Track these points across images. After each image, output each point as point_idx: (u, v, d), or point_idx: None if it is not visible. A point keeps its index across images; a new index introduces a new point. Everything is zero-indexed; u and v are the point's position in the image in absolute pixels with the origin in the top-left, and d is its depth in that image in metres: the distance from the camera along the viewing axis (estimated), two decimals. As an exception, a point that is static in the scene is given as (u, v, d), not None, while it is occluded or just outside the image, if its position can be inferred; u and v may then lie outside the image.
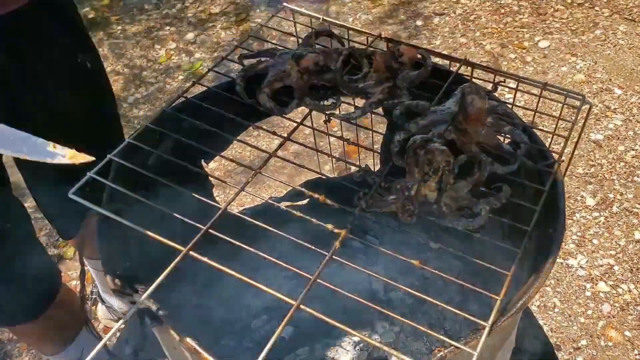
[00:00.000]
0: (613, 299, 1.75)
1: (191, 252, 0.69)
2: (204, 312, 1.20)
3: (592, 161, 2.13)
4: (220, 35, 2.89)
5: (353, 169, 1.31)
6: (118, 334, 1.19)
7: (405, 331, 1.14)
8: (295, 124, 0.89)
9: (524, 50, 2.59)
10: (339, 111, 0.94)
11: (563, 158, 0.83)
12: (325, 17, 1.07)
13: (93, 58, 1.08)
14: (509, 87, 1.01)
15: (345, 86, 0.90)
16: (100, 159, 0.77)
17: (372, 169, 1.29)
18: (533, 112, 0.95)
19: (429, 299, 0.68)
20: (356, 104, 0.97)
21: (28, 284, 1.22)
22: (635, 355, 1.62)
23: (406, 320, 0.65)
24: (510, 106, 0.92)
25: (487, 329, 0.63)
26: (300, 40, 1.02)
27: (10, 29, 0.94)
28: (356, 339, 1.10)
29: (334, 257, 0.70)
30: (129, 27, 3.02)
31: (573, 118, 0.87)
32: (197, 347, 0.66)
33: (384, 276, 1.21)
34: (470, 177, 0.75)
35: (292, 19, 1.07)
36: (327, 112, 0.91)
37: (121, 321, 0.64)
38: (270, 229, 0.73)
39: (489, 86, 0.95)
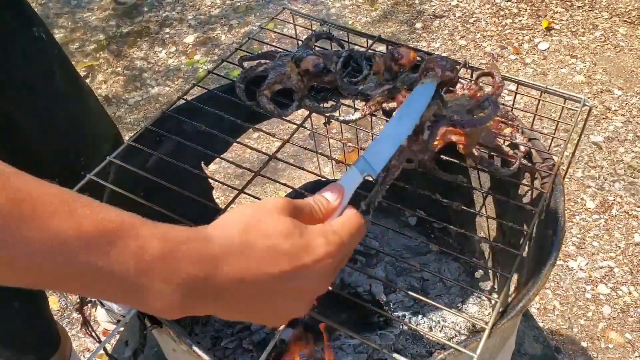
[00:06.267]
0: (613, 301, 1.75)
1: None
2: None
3: (592, 163, 2.13)
4: (220, 38, 2.89)
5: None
6: (117, 336, 1.19)
7: (405, 334, 1.13)
8: (295, 126, 0.89)
9: (523, 52, 2.59)
10: (339, 113, 0.94)
11: (563, 160, 0.83)
12: (324, 20, 1.07)
13: (45, 29, 1.08)
14: (508, 90, 1.01)
15: (345, 88, 0.90)
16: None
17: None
18: (533, 114, 0.95)
19: (429, 300, 0.67)
20: (356, 106, 0.97)
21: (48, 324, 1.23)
22: (636, 357, 1.62)
23: (406, 322, 0.65)
24: (510, 108, 0.92)
25: (487, 331, 0.62)
26: (300, 43, 1.02)
27: None
28: (355, 341, 1.09)
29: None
30: (130, 30, 3.02)
31: (573, 120, 0.87)
32: (196, 350, 0.66)
33: (384, 278, 1.21)
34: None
35: (292, 21, 1.07)
36: (327, 114, 0.91)
37: (120, 323, 0.64)
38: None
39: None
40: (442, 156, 0.82)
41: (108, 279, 0.41)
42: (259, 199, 0.83)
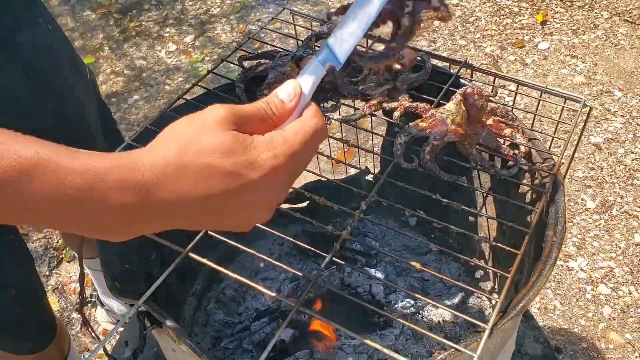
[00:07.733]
0: (613, 301, 1.75)
1: (190, 254, 0.69)
2: (203, 314, 1.20)
3: (592, 164, 2.13)
4: (220, 37, 2.89)
5: (353, 170, 1.31)
6: (117, 337, 1.18)
7: (405, 334, 1.13)
8: (295, 126, 0.89)
9: (524, 52, 2.59)
10: (339, 113, 0.94)
11: (563, 160, 0.83)
12: (325, 20, 1.06)
13: (53, 24, 1.08)
14: (508, 90, 1.01)
15: (345, 88, 0.89)
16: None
17: (372, 171, 1.29)
18: (533, 115, 0.95)
19: (429, 300, 0.67)
20: (356, 106, 0.97)
21: (42, 310, 1.23)
22: (636, 357, 1.62)
23: (406, 322, 0.65)
24: (510, 108, 0.92)
25: (487, 331, 0.62)
26: (300, 43, 1.02)
27: None
28: (355, 341, 1.09)
29: (333, 258, 0.69)
30: (130, 29, 3.02)
31: (573, 121, 0.87)
32: (196, 350, 0.66)
33: (384, 279, 1.21)
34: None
35: (292, 21, 1.07)
36: (327, 114, 0.91)
37: (120, 322, 0.64)
38: (271, 230, 0.73)
39: (489, 88, 0.95)
40: (442, 156, 0.82)
41: (39, 210, 0.42)
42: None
